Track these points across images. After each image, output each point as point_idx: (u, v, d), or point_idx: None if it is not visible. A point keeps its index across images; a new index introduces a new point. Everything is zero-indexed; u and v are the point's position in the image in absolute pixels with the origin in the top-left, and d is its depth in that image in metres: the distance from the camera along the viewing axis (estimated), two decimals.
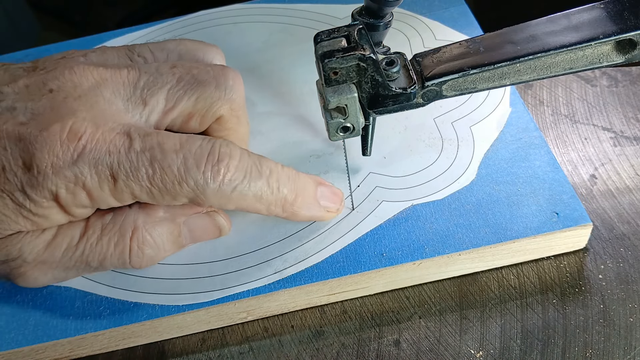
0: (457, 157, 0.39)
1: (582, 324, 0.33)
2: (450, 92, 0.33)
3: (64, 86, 0.32)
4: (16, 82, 0.32)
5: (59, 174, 0.30)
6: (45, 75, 0.32)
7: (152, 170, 0.31)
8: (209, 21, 0.51)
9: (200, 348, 0.35)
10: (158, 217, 0.34)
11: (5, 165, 0.30)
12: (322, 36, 0.32)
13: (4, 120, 0.30)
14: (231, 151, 0.32)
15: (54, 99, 0.31)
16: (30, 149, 0.30)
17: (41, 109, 0.31)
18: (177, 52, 0.37)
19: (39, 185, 0.30)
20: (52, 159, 0.30)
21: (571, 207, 0.35)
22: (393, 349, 0.34)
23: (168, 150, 0.31)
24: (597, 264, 0.36)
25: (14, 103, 0.31)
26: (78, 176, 0.30)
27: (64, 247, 0.33)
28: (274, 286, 0.34)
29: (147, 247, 0.34)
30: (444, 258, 0.34)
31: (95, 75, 0.33)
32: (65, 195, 0.30)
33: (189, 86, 0.34)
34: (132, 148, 0.30)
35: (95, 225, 0.33)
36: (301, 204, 0.34)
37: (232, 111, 0.35)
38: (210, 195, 0.31)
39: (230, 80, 0.35)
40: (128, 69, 0.33)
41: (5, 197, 0.30)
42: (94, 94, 0.32)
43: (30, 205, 0.30)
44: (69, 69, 0.32)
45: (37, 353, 0.34)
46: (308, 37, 0.37)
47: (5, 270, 0.33)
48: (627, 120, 0.42)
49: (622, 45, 0.32)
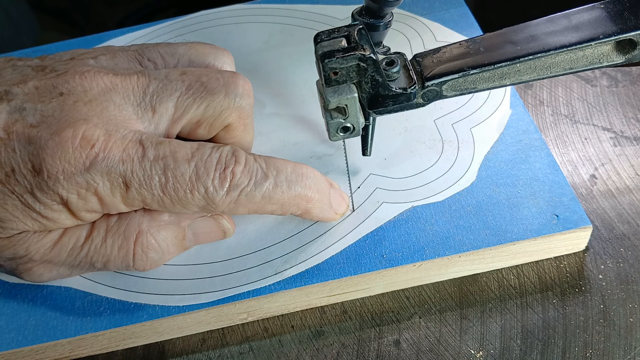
0: (457, 159, 0.39)
1: (582, 324, 0.33)
2: (451, 92, 0.33)
3: (74, 90, 0.32)
4: (26, 83, 0.32)
5: (70, 180, 0.30)
6: (55, 79, 0.32)
7: (165, 179, 0.31)
8: (210, 21, 0.51)
9: (201, 348, 0.35)
10: (163, 220, 0.34)
11: (15, 168, 0.30)
12: (322, 36, 0.32)
13: (13, 120, 0.30)
14: (237, 157, 0.32)
15: (64, 102, 0.31)
16: (40, 153, 0.30)
17: (51, 111, 0.31)
18: (188, 57, 0.37)
19: (49, 189, 0.30)
20: (64, 165, 0.30)
21: (571, 209, 0.35)
22: (393, 349, 0.34)
23: (180, 159, 0.31)
24: (597, 264, 0.36)
25: (23, 103, 0.31)
26: (90, 183, 0.30)
27: (70, 247, 0.33)
28: (275, 287, 0.34)
29: (152, 250, 0.34)
30: (444, 260, 0.34)
31: (105, 80, 0.33)
32: (76, 201, 0.31)
33: (198, 94, 0.34)
34: (146, 157, 0.31)
35: (100, 227, 0.33)
36: (315, 203, 0.34)
37: (240, 119, 0.35)
38: (219, 202, 0.32)
39: (239, 88, 0.35)
40: (138, 75, 0.33)
41: (15, 198, 0.30)
42: (104, 99, 0.32)
43: (39, 207, 0.31)
44: (80, 74, 0.32)
45: (37, 353, 0.34)
46: (308, 38, 0.37)
47: (11, 266, 0.33)
48: (627, 120, 0.42)
49: (622, 45, 0.32)
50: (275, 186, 0.33)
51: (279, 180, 0.33)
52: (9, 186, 0.30)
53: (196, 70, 0.35)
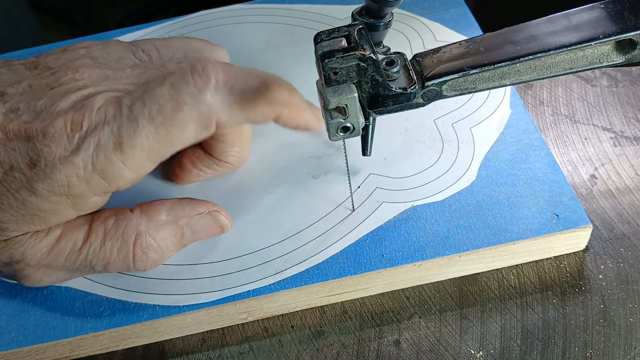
0: (457, 159, 0.39)
1: (582, 324, 0.33)
2: (451, 92, 0.33)
3: (65, 84, 0.32)
4: (20, 83, 0.32)
5: (67, 163, 0.30)
6: (49, 77, 0.32)
7: (148, 112, 0.30)
8: (210, 21, 0.51)
9: (201, 348, 0.35)
10: (161, 220, 0.34)
11: (14, 165, 0.30)
12: (322, 36, 0.32)
13: (9, 120, 0.30)
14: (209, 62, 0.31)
15: (54, 96, 0.31)
16: (37, 145, 0.30)
17: (43, 106, 0.31)
18: (183, 51, 0.37)
19: (47, 177, 0.30)
20: (60, 151, 0.30)
21: (571, 209, 0.35)
22: (393, 349, 0.34)
23: (152, 87, 0.30)
24: (597, 264, 0.36)
25: (17, 104, 0.31)
26: (86, 159, 0.30)
27: (67, 252, 0.33)
28: (275, 287, 0.34)
29: (151, 251, 0.34)
30: (444, 259, 0.34)
31: (98, 73, 0.32)
32: (77, 183, 0.30)
33: None
34: (123, 105, 0.30)
35: (97, 230, 0.33)
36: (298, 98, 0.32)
37: None
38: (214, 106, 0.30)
39: None
40: (132, 69, 0.33)
41: (10, 195, 0.30)
42: None
43: (37, 201, 0.30)
44: (73, 69, 0.32)
45: (37, 353, 0.34)
46: (308, 38, 0.37)
47: (10, 271, 0.33)
48: (627, 120, 0.42)
49: (622, 45, 0.32)
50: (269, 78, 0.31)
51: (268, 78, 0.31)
52: (5, 184, 0.30)
53: (192, 62, 0.35)
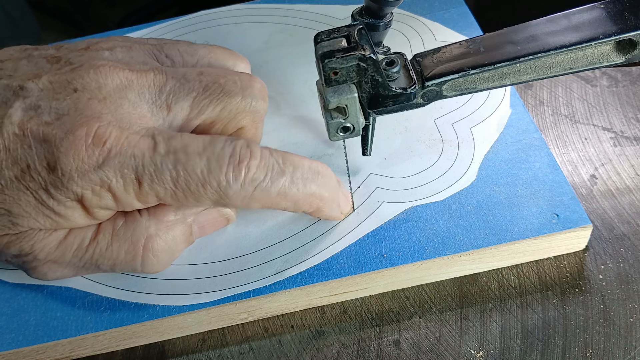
0: (457, 159, 0.39)
1: (582, 324, 0.33)
2: (451, 92, 0.33)
3: (88, 86, 0.32)
4: (40, 77, 0.32)
5: (84, 177, 0.30)
6: (70, 74, 0.32)
7: (176, 173, 0.30)
8: (210, 21, 0.51)
9: (201, 348, 0.35)
10: (170, 221, 0.34)
11: (30, 164, 0.30)
12: (322, 36, 0.32)
13: (29, 117, 0.30)
14: (252, 151, 0.31)
15: (78, 100, 0.31)
16: (55, 152, 0.30)
17: (65, 109, 0.31)
18: (208, 60, 0.37)
19: (63, 186, 0.30)
20: (78, 163, 0.30)
21: (571, 208, 0.35)
22: (393, 349, 0.34)
23: (191, 153, 0.31)
24: (597, 264, 0.36)
25: (37, 101, 0.31)
26: (104, 180, 0.30)
27: (75, 248, 0.33)
28: (275, 287, 0.34)
29: (162, 253, 0.34)
30: (444, 259, 0.34)
31: (121, 76, 0.32)
32: (90, 197, 0.31)
33: (214, 95, 0.33)
34: (157, 151, 0.30)
35: (106, 229, 0.33)
36: (327, 202, 0.34)
37: (253, 122, 0.35)
38: (233, 196, 0.31)
39: (256, 92, 0.34)
40: (155, 72, 0.33)
41: (29, 194, 0.30)
42: (119, 96, 0.32)
43: (53, 204, 0.31)
44: (95, 68, 0.32)
45: (37, 353, 0.34)
46: (308, 38, 0.37)
47: (18, 262, 0.33)
48: (627, 120, 0.42)
49: (622, 45, 0.32)
50: (292, 183, 0.32)
51: (296, 177, 0.32)
52: (24, 182, 0.30)
53: (214, 71, 0.34)
